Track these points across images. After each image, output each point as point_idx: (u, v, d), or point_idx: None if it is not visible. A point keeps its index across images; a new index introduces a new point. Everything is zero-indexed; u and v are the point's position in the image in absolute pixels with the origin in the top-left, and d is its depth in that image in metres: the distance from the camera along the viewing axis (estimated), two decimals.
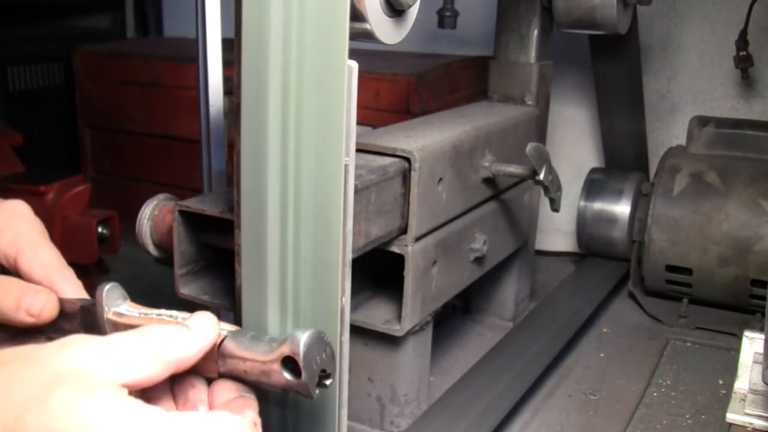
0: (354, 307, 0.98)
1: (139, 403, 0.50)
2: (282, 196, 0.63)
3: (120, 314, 0.61)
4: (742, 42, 1.49)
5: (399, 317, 0.95)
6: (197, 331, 0.55)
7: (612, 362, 1.26)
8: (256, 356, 0.56)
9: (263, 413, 0.69)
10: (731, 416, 1.05)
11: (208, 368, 0.58)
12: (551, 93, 1.40)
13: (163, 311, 0.59)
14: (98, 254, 1.45)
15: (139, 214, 0.86)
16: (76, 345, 0.52)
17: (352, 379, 0.99)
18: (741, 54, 1.50)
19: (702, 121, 1.51)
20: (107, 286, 0.61)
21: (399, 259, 0.94)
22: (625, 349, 1.31)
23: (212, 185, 1.06)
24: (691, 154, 1.49)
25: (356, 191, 0.78)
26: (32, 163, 1.58)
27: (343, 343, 0.65)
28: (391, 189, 0.91)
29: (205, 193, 0.95)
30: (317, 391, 0.56)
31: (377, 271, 1.04)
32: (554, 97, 1.51)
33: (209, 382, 0.60)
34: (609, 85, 1.55)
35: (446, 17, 1.63)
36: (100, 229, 1.44)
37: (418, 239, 0.95)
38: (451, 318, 1.38)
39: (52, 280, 0.66)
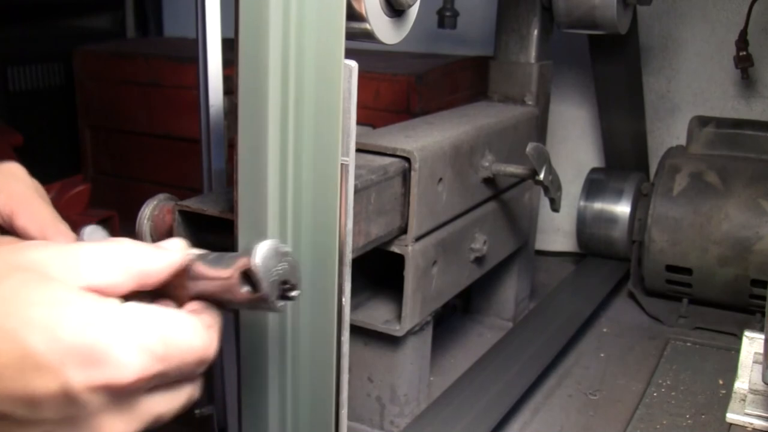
0: (354, 307, 0.98)
1: (92, 295, 0.49)
2: (282, 196, 0.63)
3: None
4: (742, 42, 1.49)
5: (399, 317, 0.95)
6: (165, 250, 0.56)
7: (612, 362, 1.26)
8: (219, 273, 0.56)
9: (263, 413, 0.69)
10: (731, 416, 1.05)
11: (180, 294, 0.58)
12: (551, 93, 1.40)
13: None
14: None
15: (139, 214, 0.86)
16: (37, 245, 0.53)
17: (352, 379, 0.99)
18: (741, 54, 1.50)
19: (702, 121, 1.51)
20: (89, 227, 0.63)
21: (399, 259, 0.94)
22: (625, 349, 1.31)
23: (212, 185, 1.06)
24: (691, 154, 1.49)
25: (356, 191, 0.78)
26: (32, 163, 1.58)
27: (343, 343, 0.65)
28: (391, 189, 0.91)
29: (205, 193, 0.95)
30: (282, 304, 0.56)
31: (377, 271, 1.05)
32: (554, 97, 1.51)
33: None
34: (609, 85, 1.55)
35: (446, 17, 1.63)
36: None
37: (418, 239, 0.95)
38: (451, 318, 1.38)
39: (47, 235, 0.67)
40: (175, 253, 0.56)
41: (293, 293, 0.56)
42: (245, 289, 0.54)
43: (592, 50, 1.51)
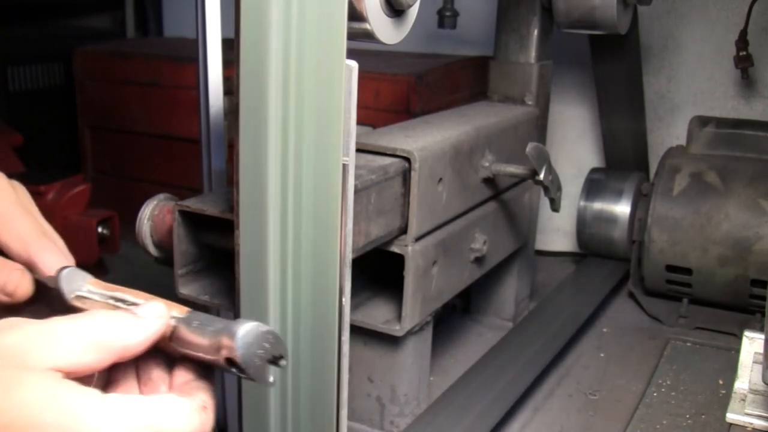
0: (354, 307, 0.98)
1: (71, 386, 0.48)
2: (282, 196, 0.63)
3: (82, 298, 0.60)
4: (742, 42, 1.49)
5: (399, 317, 0.95)
6: (144, 319, 0.54)
7: (612, 362, 1.26)
8: (203, 348, 0.55)
9: (263, 413, 0.69)
10: (731, 416, 1.05)
11: (169, 349, 0.57)
12: (551, 93, 1.40)
13: (125, 295, 0.59)
14: (98, 254, 1.45)
15: (139, 214, 0.86)
16: (9, 328, 0.51)
17: (352, 379, 0.99)
18: (741, 54, 1.50)
19: (702, 121, 1.51)
20: (64, 272, 0.60)
21: (399, 259, 0.94)
22: (625, 349, 1.31)
23: (212, 185, 1.06)
24: (691, 154, 1.49)
25: (356, 191, 0.78)
26: (32, 163, 1.58)
27: (343, 343, 0.65)
28: (391, 189, 0.91)
29: (205, 193, 0.95)
30: (272, 379, 0.55)
31: (377, 271, 1.04)
32: (554, 97, 1.51)
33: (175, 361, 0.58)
34: (609, 85, 1.55)
35: (446, 17, 1.63)
36: (100, 229, 1.44)
37: (418, 239, 0.95)
38: (451, 318, 1.38)
39: (30, 251, 0.64)
40: (153, 323, 0.54)
41: (282, 362, 0.56)
42: (233, 371, 0.54)
43: (592, 50, 1.51)
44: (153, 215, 0.86)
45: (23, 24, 2.07)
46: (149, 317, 0.54)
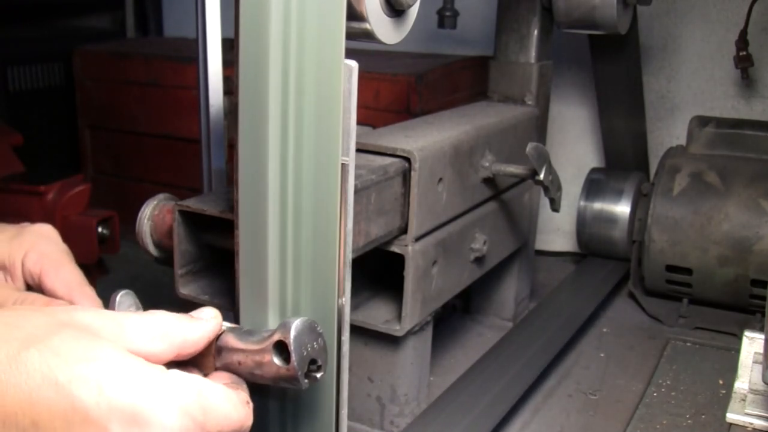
0: (354, 307, 0.98)
1: (139, 359, 0.52)
2: (282, 196, 0.63)
3: None
4: (742, 42, 1.49)
5: (399, 317, 0.96)
6: (201, 320, 0.58)
7: (612, 362, 1.26)
8: (250, 346, 0.58)
9: (263, 413, 0.69)
10: (731, 416, 1.05)
11: (206, 364, 0.60)
12: (551, 93, 1.40)
13: None
14: (98, 254, 1.45)
15: (139, 214, 0.86)
16: (86, 309, 0.55)
17: (352, 379, 0.99)
18: (741, 54, 1.50)
19: (702, 121, 1.51)
20: (120, 293, 0.64)
21: (399, 259, 0.94)
22: (625, 349, 1.31)
23: (212, 185, 1.07)
24: (691, 154, 1.49)
25: (356, 191, 0.78)
26: (32, 163, 1.58)
27: (343, 343, 0.65)
28: (391, 189, 0.91)
29: (205, 193, 0.95)
30: (306, 382, 0.57)
31: (377, 271, 1.05)
32: (554, 97, 1.51)
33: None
34: (609, 85, 1.55)
35: (446, 17, 1.63)
36: (100, 229, 1.44)
37: (418, 239, 0.95)
38: (451, 318, 1.38)
39: (73, 297, 0.70)
40: (209, 323, 0.59)
41: (318, 374, 0.58)
42: (276, 362, 0.56)
43: (592, 50, 1.51)
44: (153, 215, 0.86)
45: (23, 24, 2.07)
46: (204, 318, 0.59)
